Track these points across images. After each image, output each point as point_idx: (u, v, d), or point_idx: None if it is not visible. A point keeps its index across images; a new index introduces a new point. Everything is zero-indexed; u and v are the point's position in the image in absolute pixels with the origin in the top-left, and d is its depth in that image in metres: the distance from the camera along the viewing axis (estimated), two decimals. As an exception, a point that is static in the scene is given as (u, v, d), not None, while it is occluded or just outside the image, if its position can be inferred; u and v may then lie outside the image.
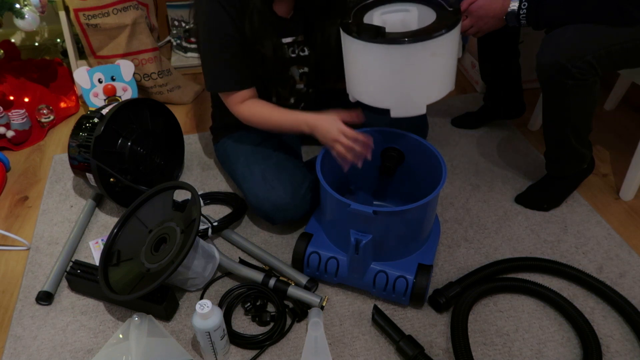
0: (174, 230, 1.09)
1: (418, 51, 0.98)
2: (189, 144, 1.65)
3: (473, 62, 1.93)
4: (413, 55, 0.99)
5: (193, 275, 1.11)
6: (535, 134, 1.67)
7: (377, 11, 1.10)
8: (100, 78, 1.72)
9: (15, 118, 1.63)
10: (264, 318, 1.08)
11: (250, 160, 1.28)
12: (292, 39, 1.22)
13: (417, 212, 1.03)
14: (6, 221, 1.39)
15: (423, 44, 0.97)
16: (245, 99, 1.19)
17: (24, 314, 1.13)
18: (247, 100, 1.19)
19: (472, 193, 1.44)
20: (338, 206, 1.04)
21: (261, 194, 1.22)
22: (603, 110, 1.78)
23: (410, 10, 1.09)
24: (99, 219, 1.38)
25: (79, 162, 1.28)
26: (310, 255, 1.13)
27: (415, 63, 1.01)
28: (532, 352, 1.03)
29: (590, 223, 1.33)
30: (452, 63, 1.06)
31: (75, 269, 1.15)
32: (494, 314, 1.11)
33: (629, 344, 1.04)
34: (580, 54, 1.07)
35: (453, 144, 1.63)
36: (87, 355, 1.05)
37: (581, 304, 1.12)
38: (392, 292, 1.08)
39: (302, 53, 1.24)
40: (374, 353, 1.03)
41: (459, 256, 1.24)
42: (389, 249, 1.08)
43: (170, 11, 2.07)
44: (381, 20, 1.09)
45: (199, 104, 1.89)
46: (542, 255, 1.24)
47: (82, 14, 1.67)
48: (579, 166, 1.34)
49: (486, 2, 1.21)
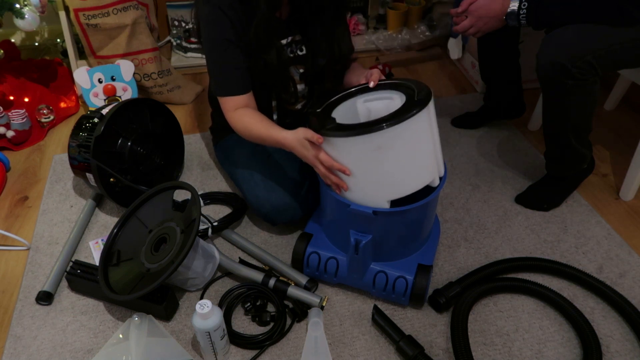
0: (174, 230, 1.09)
1: (358, 144, 0.93)
2: (189, 144, 1.65)
3: (473, 62, 1.93)
4: (354, 148, 0.94)
5: (193, 275, 1.11)
6: (535, 134, 1.67)
7: (360, 98, 1.07)
8: (100, 78, 1.72)
9: (15, 118, 1.63)
10: (264, 318, 1.08)
11: (250, 161, 1.28)
12: (289, 39, 1.22)
13: (417, 212, 1.03)
14: (6, 221, 1.39)
15: (363, 137, 0.91)
16: (238, 107, 1.16)
17: (24, 314, 1.13)
18: (239, 109, 1.17)
19: (472, 193, 1.44)
20: (338, 206, 1.04)
21: (261, 195, 1.22)
22: (603, 110, 1.78)
23: (394, 98, 1.03)
24: (99, 219, 1.38)
25: (79, 162, 1.28)
26: (310, 256, 1.13)
27: (359, 157, 0.95)
28: (532, 352, 1.03)
29: (590, 223, 1.33)
30: (416, 155, 0.97)
31: (75, 269, 1.15)
32: (494, 314, 1.11)
33: (629, 344, 1.04)
34: (580, 54, 1.07)
35: (453, 144, 1.63)
36: (87, 355, 1.05)
37: (581, 304, 1.12)
38: (392, 292, 1.08)
39: (299, 52, 1.24)
40: (374, 353, 1.03)
41: (459, 256, 1.24)
42: (389, 249, 1.08)
43: (170, 11, 2.07)
44: (365, 108, 1.06)
45: (199, 104, 1.89)
46: (542, 255, 1.24)
47: (82, 14, 1.67)
48: (579, 166, 1.34)
49: (486, 2, 1.21)
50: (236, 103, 1.17)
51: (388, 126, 0.90)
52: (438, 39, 2.19)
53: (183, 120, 1.77)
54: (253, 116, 1.15)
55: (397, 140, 0.93)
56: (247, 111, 1.16)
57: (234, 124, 1.17)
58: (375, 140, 0.92)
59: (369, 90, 1.09)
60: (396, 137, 0.92)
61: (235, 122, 1.17)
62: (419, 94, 0.98)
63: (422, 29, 2.20)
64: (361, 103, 1.07)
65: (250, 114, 1.16)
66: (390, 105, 1.02)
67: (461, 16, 1.27)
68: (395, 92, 1.05)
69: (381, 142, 0.92)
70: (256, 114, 1.16)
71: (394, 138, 0.92)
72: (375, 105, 1.06)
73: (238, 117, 1.16)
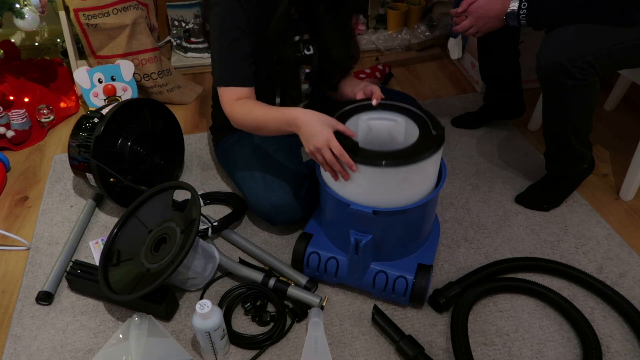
0: (174, 230, 1.09)
1: (381, 173, 0.96)
2: (189, 144, 1.65)
3: (473, 62, 1.93)
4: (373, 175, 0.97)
5: (193, 275, 1.11)
6: (535, 134, 1.67)
7: (364, 115, 1.08)
8: (100, 78, 1.72)
9: (15, 118, 1.63)
10: (264, 318, 1.08)
11: (250, 161, 1.28)
12: (298, 38, 1.22)
13: (417, 212, 1.03)
14: (6, 221, 1.39)
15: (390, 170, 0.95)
16: (240, 98, 1.15)
17: (24, 314, 1.13)
18: (241, 99, 1.15)
19: (472, 193, 1.44)
20: (338, 206, 1.04)
21: (261, 194, 1.22)
22: (603, 110, 1.78)
23: (398, 121, 1.06)
24: (99, 219, 1.38)
25: (79, 162, 1.28)
26: (310, 256, 1.13)
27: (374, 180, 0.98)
28: (532, 352, 1.03)
29: (590, 223, 1.33)
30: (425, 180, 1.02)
31: (75, 269, 1.15)
32: (494, 314, 1.11)
33: (629, 344, 1.04)
34: (580, 54, 1.07)
35: (453, 144, 1.63)
36: (87, 355, 1.05)
37: (581, 304, 1.12)
38: (392, 292, 1.08)
39: (307, 52, 1.24)
40: (374, 353, 1.03)
41: (459, 256, 1.24)
42: (389, 249, 1.08)
43: (170, 11, 2.07)
44: (367, 126, 1.08)
45: (199, 104, 1.89)
46: (542, 255, 1.24)
47: (82, 14, 1.67)
48: (579, 166, 1.34)
49: (486, 2, 1.21)
50: (238, 95, 1.14)
51: (414, 162, 0.95)
52: (438, 39, 2.19)
53: (183, 120, 1.77)
54: (255, 102, 1.14)
55: (414, 173, 0.98)
56: (249, 100, 1.15)
57: (232, 113, 1.14)
58: (401, 173, 0.96)
59: (371, 108, 1.10)
60: (415, 171, 0.97)
61: (235, 110, 1.13)
62: (434, 127, 1.02)
63: (422, 29, 2.20)
64: (364, 120, 1.08)
65: (252, 101, 1.14)
66: (393, 127, 1.07)
67: (461, 16, 1.27)
68: (398, 115, 1.07)
69: (402, 174, 0.96)
70: (258, 102, 1.14)
71: (413, 170, 0.97)
72: (377, 125, 1.08)
73: (240, 105, 1.13)
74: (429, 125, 1.03)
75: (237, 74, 1.14)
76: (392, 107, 1.09)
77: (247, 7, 1.08)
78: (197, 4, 2.03)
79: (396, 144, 1.07)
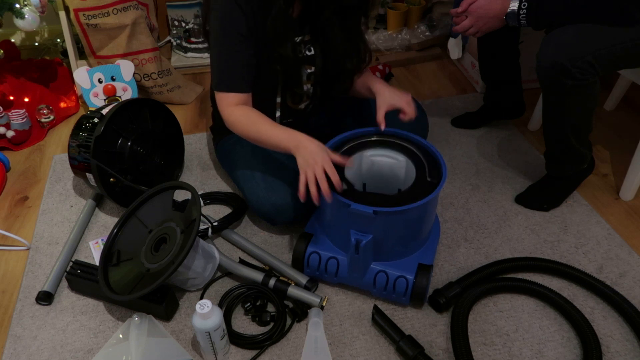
0: (174, 230, 1.09)
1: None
2: (189, 144, 1.65)
3: (473, 62, 1.93)
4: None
5: (193, 275, 1.11)
6: (535, 134, 1.67)
7: (367, 152, 1.15)
8: (100, 78, 1.72)
9: (15, 118, 1.63)
10: (264, 318, 1.08)
11: (250, 160, 1.28)
12: (299, 39, 1.22)
13: (417, 212, 1.03)
14: (6, 221, 1.39)
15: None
16: (239, 103, 1.17)
17: (24, 314, 1.13)
18: (240, 105, 1.17)
19: (472, 193, 1.44)
20: (338, 206, 1.04)
21: (261, 194, 1.22)
22: (603, 110, 1.78)
23: (400, 160, 1.14)
24: (99, 219, 1.38)
25: (79, 162, 1.28)
26: (310, 255, 1.13)
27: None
28: (532, 352, 1.03)
29: (590, 223, 1.33)
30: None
31: (75, 269, 1.15)
32: (494, 314, 1.11)
33: (629, 344, 1.04)
34: (580, 54, 1.07)
35: (453, 144, 1.63)
36: (87, 355, 1.05)
37: (581, 304, 1.12)
38: (392, 292, 1.08)
39: (308, 52, 1.24)
40: (374, 353, 1.03)
41: (459, 256, 1.24)
42: (389, 248, 1.08)
43: (170, 11, 2.07)
44: (370, 161, 1.15)
45: (199, 104, 1.89)
46: (542, 255, 1.24)
47: (82, 14, 1.67)
48: (579, 166, 1.34)
49: (486, 2, 1.21)
50: (235, 100, 1.16)
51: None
52: (438, 39, 2.19)
53: (183, 120, 1.77)
54: (259, 115, 1.15)
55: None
56: (248, 107, 1.17)
57: (231, 119, 1.16)
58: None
59: (375, 144, 1.16)
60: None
61: (234, 117, 1.16)
62: (430, 174, 1.09)
63: (422, 29, 2.20)
64: (367, 156, 1.15)
65: (257, 113, 1.16)
66: (395, 165, 1.13)
67: (461, 16, 1.27)
68: (400, 154, 1.14)
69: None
70: (262, 115, 1.16)
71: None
72: (379, 161, 1.15)
73: (241, 113, 1.15)
74: (425, 171, 1.10)
75: (235, 80, 1.15)
76: (395, 146, 1.16)
77: (247, 9, 1.09)
78: (197, 4, 2.03)
79: (397, 178, 1.13)
